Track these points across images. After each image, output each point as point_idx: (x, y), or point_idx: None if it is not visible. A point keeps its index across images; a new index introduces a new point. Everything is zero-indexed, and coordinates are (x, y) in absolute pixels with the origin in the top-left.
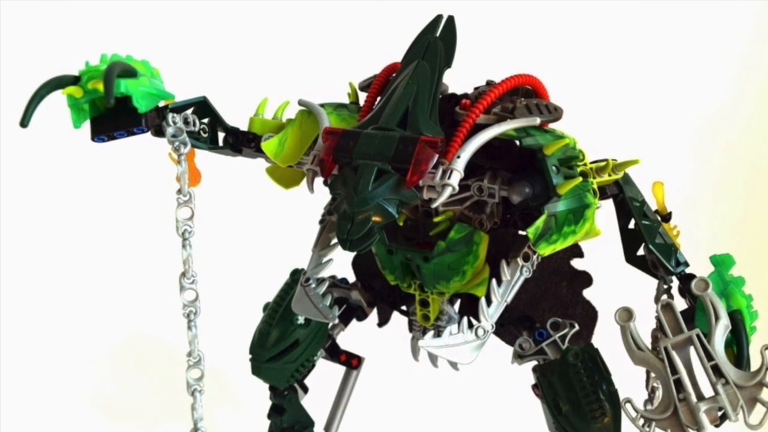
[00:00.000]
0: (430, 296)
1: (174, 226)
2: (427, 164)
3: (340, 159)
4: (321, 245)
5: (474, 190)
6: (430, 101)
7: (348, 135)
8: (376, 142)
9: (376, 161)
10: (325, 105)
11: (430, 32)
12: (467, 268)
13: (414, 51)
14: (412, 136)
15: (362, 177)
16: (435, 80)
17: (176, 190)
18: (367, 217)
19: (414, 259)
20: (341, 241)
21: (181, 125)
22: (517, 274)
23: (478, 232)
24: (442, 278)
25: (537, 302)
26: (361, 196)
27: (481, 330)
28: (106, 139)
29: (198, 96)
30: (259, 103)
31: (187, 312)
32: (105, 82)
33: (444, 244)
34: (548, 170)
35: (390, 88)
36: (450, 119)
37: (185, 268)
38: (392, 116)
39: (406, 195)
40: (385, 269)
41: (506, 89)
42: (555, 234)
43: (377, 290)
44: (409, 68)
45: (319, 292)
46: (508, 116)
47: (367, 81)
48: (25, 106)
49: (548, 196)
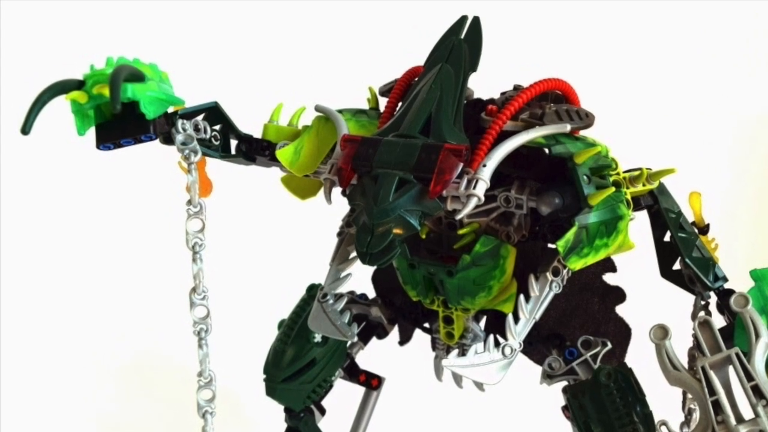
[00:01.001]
0: (454, 313)
1: (184, 239)
2: (451, 173)
3: (360, 168)
4: (339, 259)
5: (501, 200)
6: (454, 107)
7: (368, 143)
8: (398, 150)
9: (398, 170)
10: (344, 111)
11: (454, 34)
12: (493, 283)
13: (437, 54)
14: (435, 143)
15: (382, 187)
16: (459, 85)
17: (186, 201)
18: (387, 229)
19: (437, 273)
20: (360, 255)
21: (191, 132)
22: (547, 290)
23: (505, 245)
24: (467, 294)
25: (567, 319)
26: (381, 207)
27: (508, 348)
28: (112, 147)
29: (209, 101)
30: (273, 109)
31: (197, 329)
32: (111, 87)
33: (469, 257)
34: (579, 180)
35: (412, 93)
36: (475, 126)
37: (196, 283)
38: (414, 123)
39: (429, 206)
40: (407, 284)
41: (535, 94)
42: (586, 247)
43: (398, 306)
44: (432, 72)
45: (337, 308)
46: (537, 123)
47: (388, 85)
48: (26, 113)
49: (579, 207)
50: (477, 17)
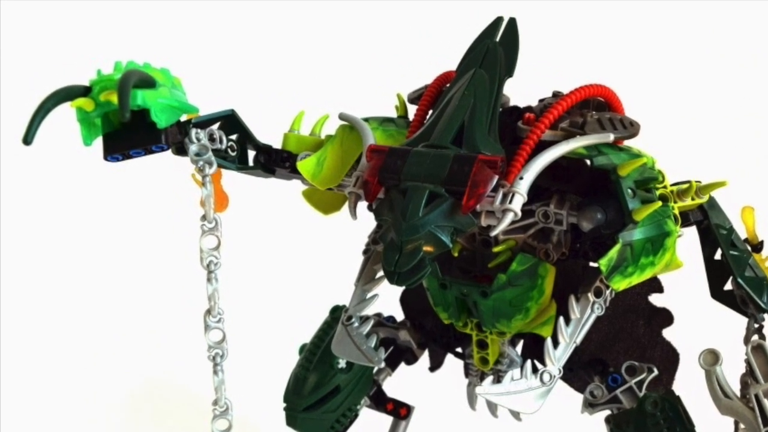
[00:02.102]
0: (488, 337)
1: (198, 257)
2: (485, 186)
3: (387, 181)
4: (365, 279)
5: (539, 216)
6: (488, 115)
7: (395, 153)
8: (428, 161)
9: (428, 183)
10: (370, 119)
11: (488, 37)
12: (531, 304)
13: (470, 58)
14: (468, 154)
15: (412, 201)
16: (494, 91)
17: (200, 216)
18: (417, 246)
19: (471, 294)
20: (388, 274)
21: (205, 142)
22: (588, 312)
23: (543, 264)
24: (503, 316)
25: (610, 343)
26: (410, 222)
27: (546, 375)
28: (121, 158)
29: (225, 109)
30: (294, 117)
31: (212, 354)
32: (119, 94)
33: (505, 277)
34: (623, 193)
35: (443, 101)
36: (511, 135)
37: (210, 304)
38: (446, 132)
39: (462, 221)
40: (438, 306)
41: (575, 101)
42: (631, 266)
43: (429, 330)
44: (465, 78)
45: (362, 332)
46: (578, 132)
47: (418, 92)
48: (28, 121)
49: (623, 223)
50: (513, 18)
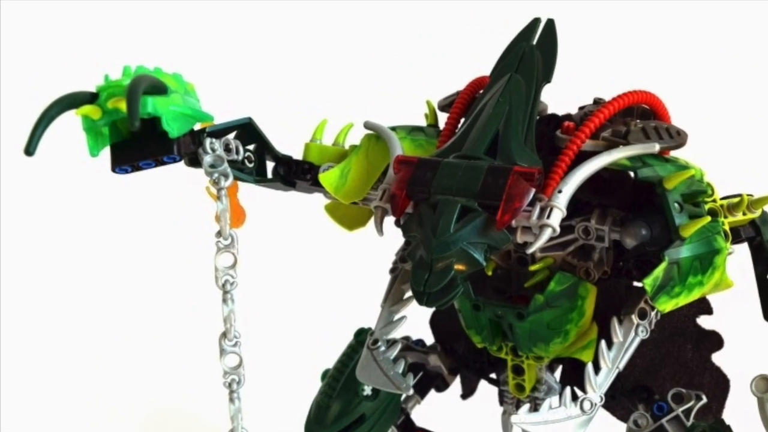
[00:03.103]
0: (525, 362)
1: (212, 276)
2: (521, 200)
3: (416, 194)
4: (392, 299)
5: (579, 232)
6: (525, 123)
7: (425, 165)
8: (460, 173)
9: (460, 197)
10: (398, 128)
11: (525, 39)
12: (571, 327)
13: (505, 62)
14: (503, 166)
15: (442, 216)
16: (531, 98)
17: (215, 232)
18: (448, 265)
19: (506, 316)
20: (417, 295)
21: (221, 153)
22: (632, 335)
23: (583, 284)
24: (540, 340)
25: (656, 369)
26: (441, 239)
27: (587, 403)
28: (130, 170)
29: (242, 117)
30: (316, 126)
31: (228, 381)
32: (128, 101)
33: (542, 297)
34: (670, 208)
35: (476, 108)
36: (549, 145)
37: (226, 327)
38: (479, 142)
39: (496, 238)
40: (471, 329)
41: (618, 109)
42: (678, 286)
43: (460, 354)
44: (500, 83)
45: (389, 356)
46: (621, 142)
47: (449, 99)
48: (30, 131)
49: (669, 240)
50: (551, 20)
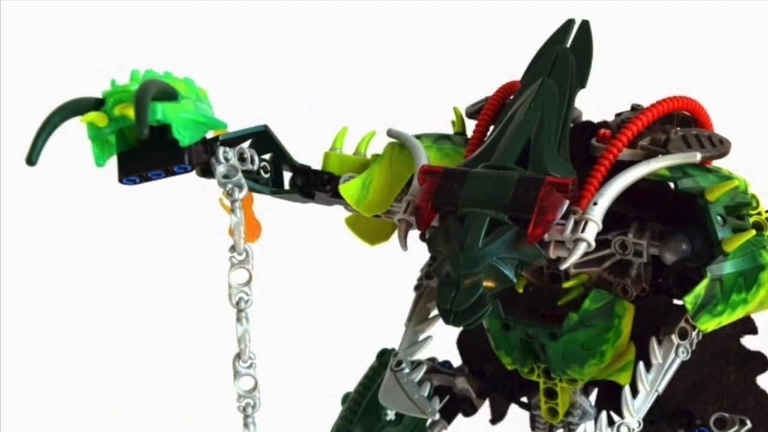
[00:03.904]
0: (558, 384)
1: (226, 294)
2: (554, 213)
3: (442, 206)
4: (417, 319)
5: (615, 246)
6: (558, 131)
7: (452, 175)
8: (489, 184)
9: (489, 209)
10: (423, 136)
11: (558, 42)
12: (607, 347)
13: (537, 66)
14: (534, 176)
15: (470, 230)
16: (565, 104)
17: (229, 247)
18: (476, 281)
19: (537, 336)
20: (443, 313)
21: (235, 162)
22: (672, 356)
23: (620, 302)
24: (574, 361)
25: (697, 392)
26: (468, 254)
27: (624, 428)
28: (138, 181)
29: (257, 125)
30: (336, 134)
31: (243, 404)
32: (136, 107)
33: (577, 316)
34: (712, 221)
35: (506, 115)
36: (584, 155)
37: (240, 347)
38: (509, 151)
39: (528, 253)
40: (500, 349)
41: (657, 116)
42: (720, 304)
43: (490, 377)
44: (531, 89)
45: (414, 379)
46: (660, 151)
47: (477, 105)
48: (32, 139)
49: (712, 255)
50: (586, 21)
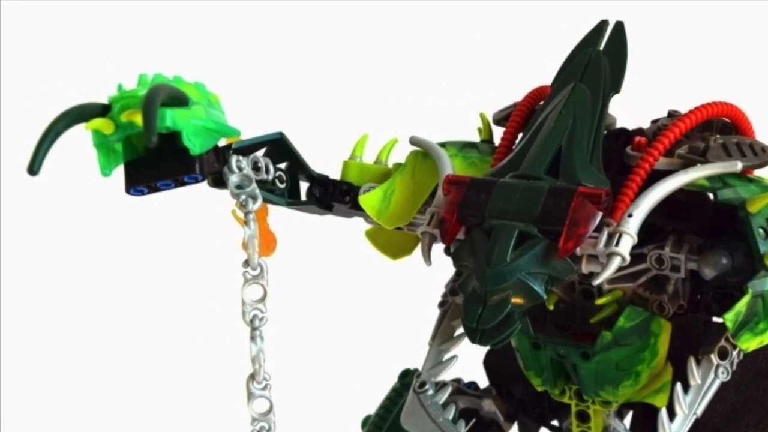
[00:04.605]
0: (591, 407)
1: (239, 311)
2: (586, 226)
3: (468, 218)
4: (441, 337)
5: (651, 261)
6: (590, 139)
7: (478, 186)
8: (517, 195)
9: (517, 221)
10: (447, 144)
11: (590, 44)
12: (642, 368)
13: (569, 70)
14: (566, 187)
15: (498, 243)
16: (597, 110)
17: (242, 262)
18: (504, 298)
19: (569, 355)
20: (469, 332)
21: (249, 172)
22: (711, 377)
23: (656, 320)
24: (608, 382)
25: (738, 415)
26: (496, 269)
27: None
28: (147, 191)
29: (272, 132)
30: (356, 142)
31: (257, 428)
32: (144, 113)
33: (610, 335)
34: (753, 234)
35: (536, 122)
36: (618, 164)
37: (255, 367)
38: (539, 160)
39: (559, 268)
40: (530, 370)
41: (696, 123)
42: (763, 322)
43: (518, 399)
44: (562, 94)
45: (438, 401)
46: (699, 160)
47: (505, 111)
48: (34, 148)
49: (753, 270)
50: (620, 22)
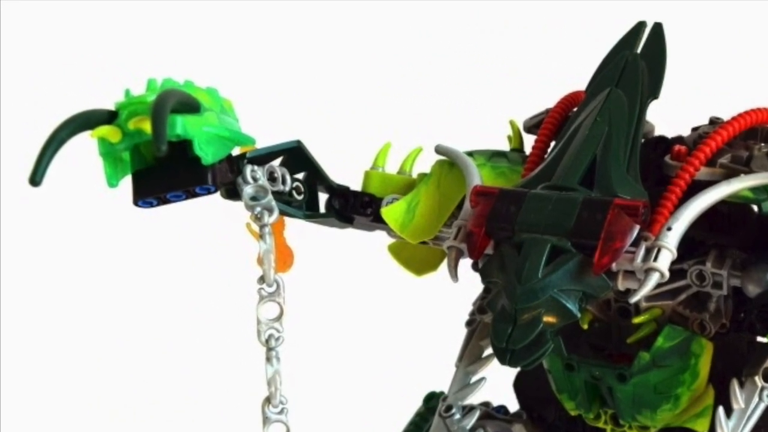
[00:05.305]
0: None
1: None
2: (623, 240)
3: (497, 232)
4: (469, 358)
5: (692, 277)
6: (627, 148)
7: (508, 197)
8: (549, 207)
9: (549, 235)
10: (475, 153)
11: (627, 47)
12: (682, 390)
13: (604, 74)
14: (601, 198)
15: (529, 258)
16: (635, 117)
17: (257, 278)
18: (536, 316)
19: (604, 378)
20: (499, 352)
21: (264, 183)
22: (755, 400)
23: (697, 339)
24: (646, 406)
25: None
26: (527, 286)
27: None
28: (156, 203)
29: (289, 140)
30: (378, 151)
31: None
32: (154, 120)
33: (648, 356)
34: None
35: (569, 129)
36: (657, 174)
37: (271, 390)
38: (573, 170)
39: (593, 284)
40: (563, 393)
41: (739, 130)
42: None
43: (551, 423)
44: (597, 100)
45: (465, 426)
46: (742, 170)
47: (537, 118)
48: (36, 157)
49: None
50: (659, 23)
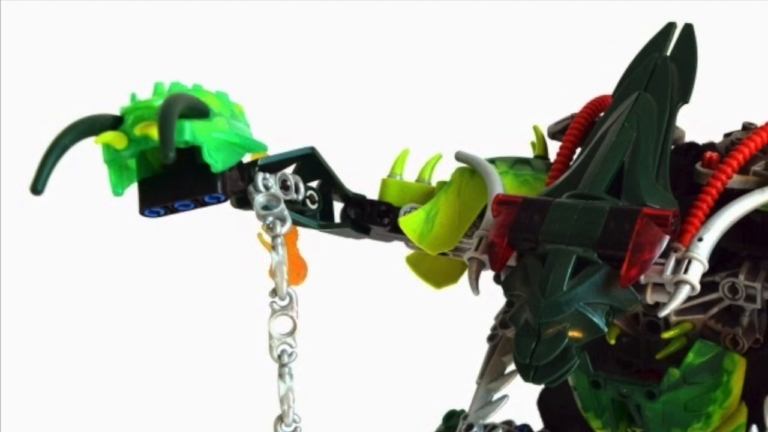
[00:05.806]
0: None
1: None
2: (652, 251)
3: (520, 243)
4: (490, 375)
5: (724, 290)
6: (656, 155)
7: (532, 206)
8: (575, 216)
9: (575, 246)
10: (497, 160)
11: (656, 49)
12: (714, 408)
13: (632, 78)
14: (629, 207)
15: (553, 270)
16: (664, 123)
17: (269, 291)
18: (560, 331)
19: (633, 395)
20: (522, 369)
21: (276, 191)
22: None
23: (730, 355)
24: (676, 424)
25: None
26: (551, 299)
27: None
28: (163, 213)
29: (303, 147)
30: (396, 158)
31: None
32: (161, 126)
33: (678, 372)
34: None
35: (596, 135)
36: (687, 182)
37: (283, 408)
38: (599, 178)
39: (621, 297)
40: (589, 411)
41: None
42: None
43: None
44: (625, 104)
45: None
46: None
47: (562, 124)
48: (38, 164)
49: None
50: (690, 25)
